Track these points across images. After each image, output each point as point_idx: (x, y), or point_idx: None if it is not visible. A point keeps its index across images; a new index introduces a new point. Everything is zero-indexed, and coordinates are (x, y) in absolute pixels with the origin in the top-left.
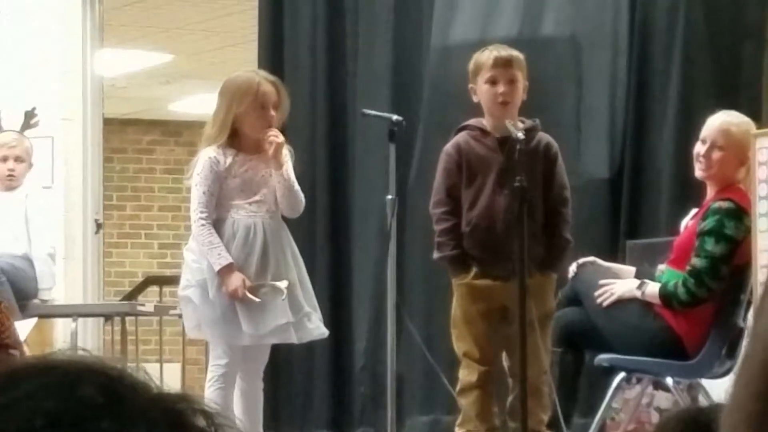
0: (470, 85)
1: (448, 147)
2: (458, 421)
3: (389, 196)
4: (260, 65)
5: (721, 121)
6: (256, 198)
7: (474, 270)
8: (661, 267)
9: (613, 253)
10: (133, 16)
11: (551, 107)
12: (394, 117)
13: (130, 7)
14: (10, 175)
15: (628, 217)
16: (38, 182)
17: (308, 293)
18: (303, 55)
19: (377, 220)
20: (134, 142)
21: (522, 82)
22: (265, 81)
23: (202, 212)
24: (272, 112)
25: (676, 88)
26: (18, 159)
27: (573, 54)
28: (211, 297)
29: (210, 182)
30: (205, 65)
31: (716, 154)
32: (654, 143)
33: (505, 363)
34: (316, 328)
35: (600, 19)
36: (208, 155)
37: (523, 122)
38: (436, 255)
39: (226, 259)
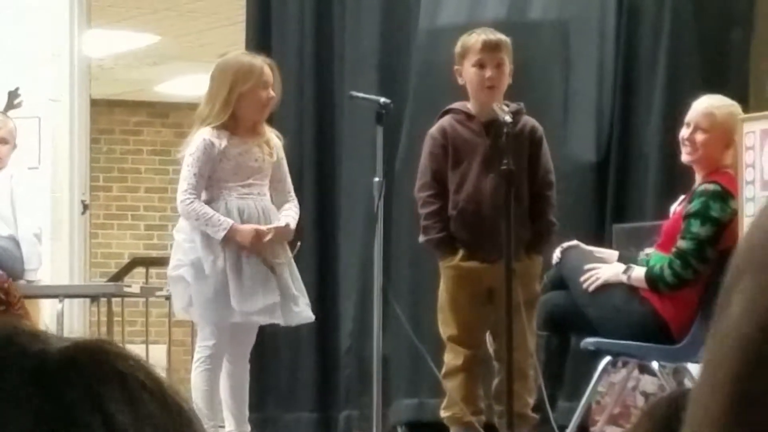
0: (456, 67)
1: (433, 131)
2: (443, 405)
3: (376, 179)
4: (248, 47)
5: (705, 104)
6: (249, 181)
7: (461, 252)
8: (648, 251)
9: (600, 237)
10: None
11: (538, 91)
12: (382, 99)
13: None
14: None
15: (614, 201)
16: (24, 163)
17: (295, 277)
18: (291, 37)
19: (364, 203)
20: (121, 123)
21: (508, 66)
22: (264, 62)
23: (191, 193)
24: (272, 93)
25: (663, 73)
26: (2, 141)
27: (560, 38)
28: (207, 273)
29: (201, 164)
30: (193, 47)
31: (700, 137)
32: (641, 127)
33: (490, 346)
34: (302, 311)
35: (587, 4)
36: (203, 137)
37: (507, 105)
38: (422, 238)
39: (227, 222)
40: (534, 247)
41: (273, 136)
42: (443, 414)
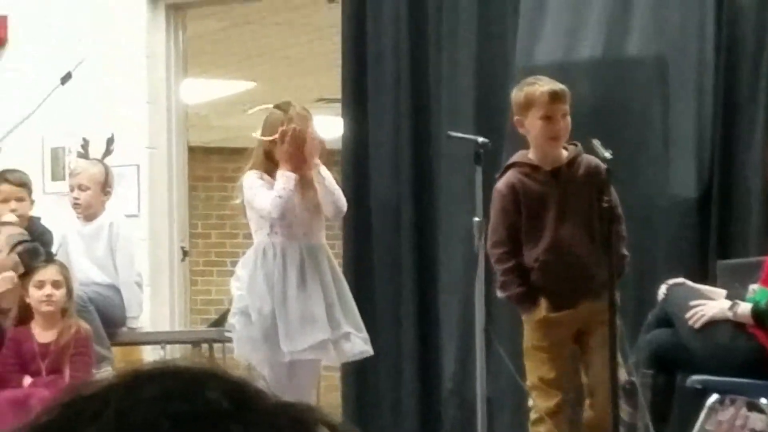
0: (516, 118)
1: (501, 187)
2: None
3: (476, 219)
4: (343, 90)
5: None
6: (291, 222)
7: (545, 304)
8: (754, 287)
9: (703, 274)
10: (215, 44)
11: (637, 127)
12: (480, 139)
13: (212, 36)
14: (75, 204)
15: (717, 236)
16: (122, 210)
17: (350, 312)
18: (386, 79)
19: (464, 243)
20: (218, 170)
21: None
22: (296, 115)
23: (267, 195)
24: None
25: (763, 106)
26: (81, 187)
27: (658, 73)
28: (253, 319)
29: (265, 187)
30: (288, 91)
31: None
32: (742, 161)
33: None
34: (354, 346)
35: (685, 38)
36: (251, 175)
37: (566, 149)
38: (501, 293)
39: (285, 180)
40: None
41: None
42: None
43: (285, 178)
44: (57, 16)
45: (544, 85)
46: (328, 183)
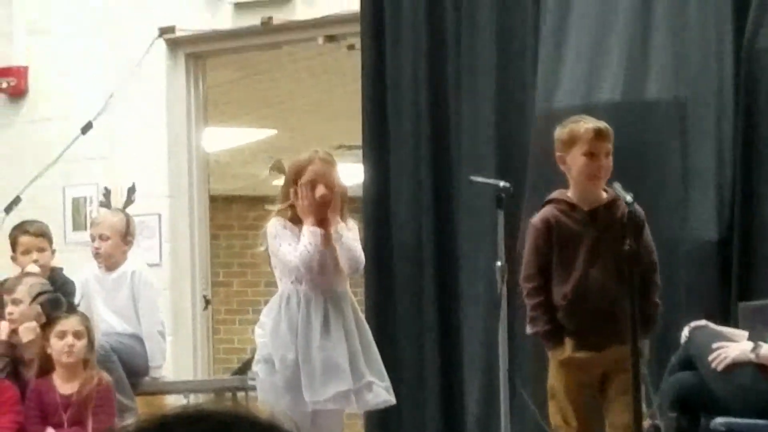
0: (559, 155)
1: (537, 222)
2: None
3: (499, 263)
4: (364, 137)
5: None
6: (315, 275)
7: (570, 343)
8: None
9: (725, 316)
10: (235, 92)
11: (657, 170)
12: (502, 183)
13: (232, 84)
14: (96, 254)
15: (739, 279)
16: (144, 259)
17: (373, 361)
18: (407, 124)
19: (486, 287)
20: (239, 218)
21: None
22: (319, 160)
23: (294, 248)
24: (323, 190)
25: None
26: (102, 237)
27: (677, 116)
28: (277, 367)
29: (289, 236)
30: (309, 139)
31: None
32: (763, 203)
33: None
34: (375, 396)
35: (704, 81)
36: (275, 223)
37: (606, 191)
38: (530, 329)
39: (310, 236)
40: (643, 331)
41: (344, 226)
42: None
43: (310, 233)
44: (77, 66)
45: (588, 123)
46: (345, 240)
